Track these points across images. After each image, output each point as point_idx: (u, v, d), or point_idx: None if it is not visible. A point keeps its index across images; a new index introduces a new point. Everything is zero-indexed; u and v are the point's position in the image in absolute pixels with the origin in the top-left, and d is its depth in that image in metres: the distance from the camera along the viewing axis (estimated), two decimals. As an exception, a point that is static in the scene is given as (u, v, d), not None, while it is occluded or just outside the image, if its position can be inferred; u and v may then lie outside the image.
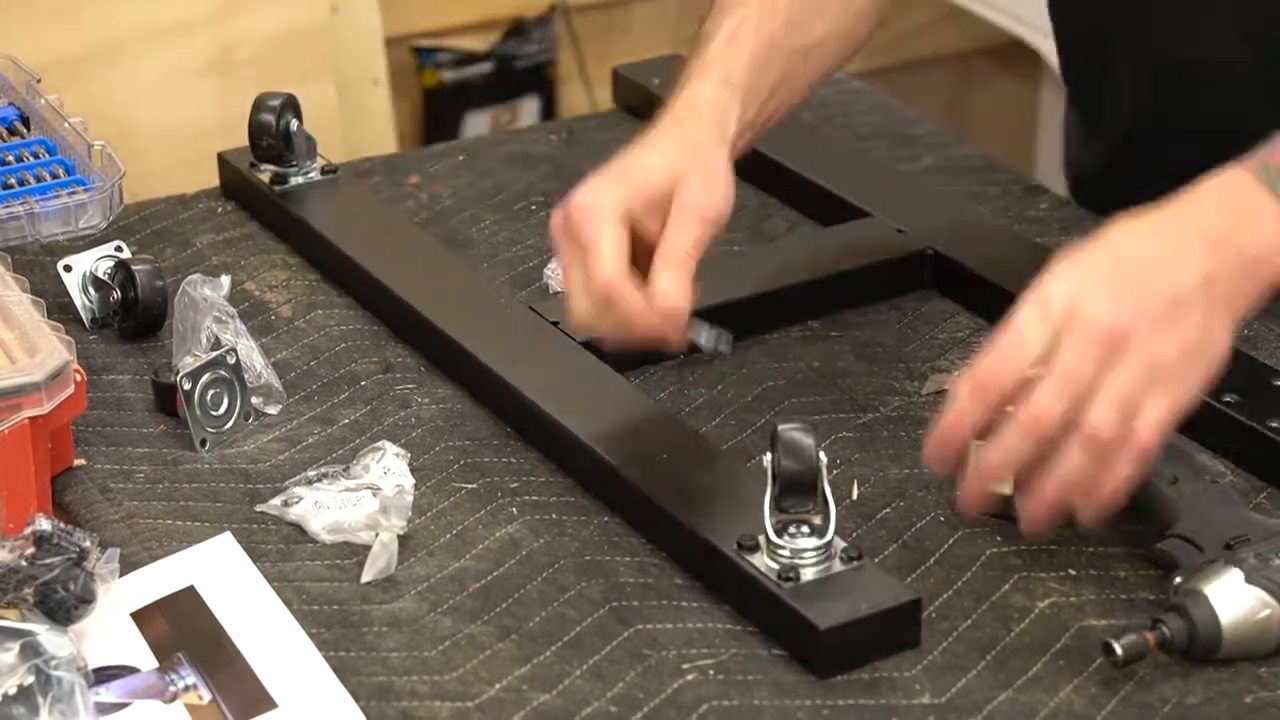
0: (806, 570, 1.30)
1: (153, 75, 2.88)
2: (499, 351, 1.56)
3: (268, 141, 1.78)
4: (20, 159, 1.67)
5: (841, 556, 1.31)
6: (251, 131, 1.78)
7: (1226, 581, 1.28)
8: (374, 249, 1.71)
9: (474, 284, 1.68)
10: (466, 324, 1.60)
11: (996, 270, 1.65)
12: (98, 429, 1.53)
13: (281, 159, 1.80)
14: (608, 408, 1.50)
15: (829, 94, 2.04)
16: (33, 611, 1.27)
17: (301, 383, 1.60)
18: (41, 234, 1.60)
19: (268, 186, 1.80)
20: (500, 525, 1.43)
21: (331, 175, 1.82)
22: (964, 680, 1.28)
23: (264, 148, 1.79)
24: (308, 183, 1.81)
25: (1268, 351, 1.60)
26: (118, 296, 1.63)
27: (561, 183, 1.89)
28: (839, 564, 1.31)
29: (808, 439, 1.31)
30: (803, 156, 1.85)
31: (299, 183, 1.80)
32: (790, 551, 1.30)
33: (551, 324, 1.58)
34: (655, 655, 1.30)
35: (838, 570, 1.30)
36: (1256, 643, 1.27)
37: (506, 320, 1.61)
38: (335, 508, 1.42)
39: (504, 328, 1.60)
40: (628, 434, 1.47)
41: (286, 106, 1.78)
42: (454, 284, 1.67)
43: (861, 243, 1.72)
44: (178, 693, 1.27)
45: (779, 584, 1.30)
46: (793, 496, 1.31)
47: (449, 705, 1.27)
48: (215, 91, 2.88)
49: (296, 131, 1.79)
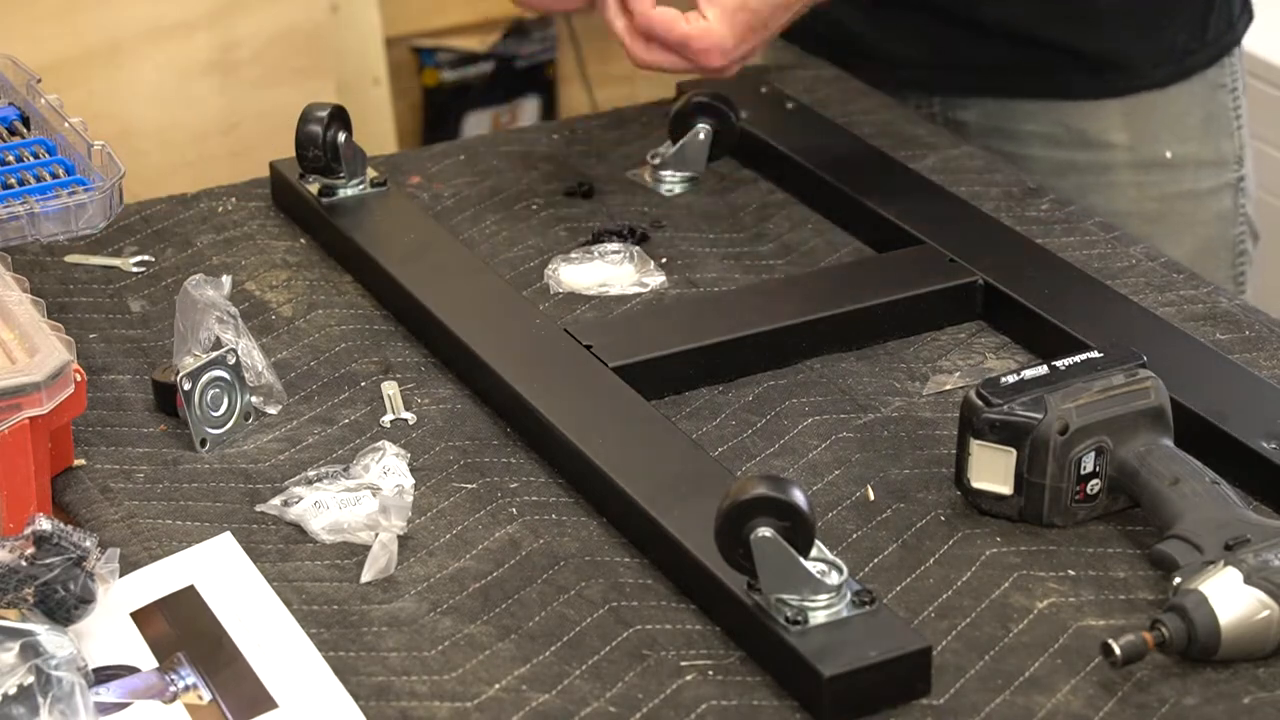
0: (816, 614, 1.27)
1: (153, 75, 2.88)
2: (533, 380, 1.53)
3: (314, 153, 1.76)
4: (20, 159, 1.67)
5: (853, 599, 1.28)
6: (299, 142, 1.76)
7: (1226, 582, 1.28)
8: (414, 265, 1.69)
9: (511, 303, 1.65)
10: (500, 353, 1.57)
11: (1047, 303, 1.62)
12: (98, 429, 1.53)
13: (329, 170, 1.78)
14: (634, 439, 1.47)
15: (832, 93, 2.04)
16: (33, 611, 1.27)
17: (301, 383, 1.60)
18: (41, 234, 1.59)
19: (315, 198, 1.79)
20: (500, 525, 1.43)
21: (381, 188, 1.80)
22: (963, 680, 1.28)
23: (310, 158, 1.77)
24: (357, 195, 1.79)
25: (1268, 353, 1.60)
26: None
27: (561, 183, 1.89)
28: (850, 607, 1.28)
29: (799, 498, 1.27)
30: (859, 179, 1.82)
31: (347, 195, 1.79)
32: (802, 594, 1.27)
33: (585, 347, 1.56)
34: (654, 656, 1.31)
35: (848, 614, 1.27)
36: (1256, 644, 1.28)
37: (541, 344, 1.59)
38: (335, 508, 1.43)
39: (538, 353, 1.58)
40: (646, 463, 1.44)
41: (334, 118, 1.76)
42: (493, 307, 1.64)
43: (912, 271, 1.68)
44: (178, 693, 1.27)
45: (786, 628, 1.26)
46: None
47: (448, 705, 1.27)
48: (215, 91, 2.88)
49: (345, 143, 1.77)
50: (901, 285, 1.66)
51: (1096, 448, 1.39)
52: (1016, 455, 1.39)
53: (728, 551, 1.28)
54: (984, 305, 1.66)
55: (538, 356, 1.57)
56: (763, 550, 1.26)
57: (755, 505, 1.26)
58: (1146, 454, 1.39)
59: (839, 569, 1.28)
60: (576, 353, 1.57)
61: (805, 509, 1.26)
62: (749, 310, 1.63)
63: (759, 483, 1.27)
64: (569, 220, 1.83)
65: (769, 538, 1.25)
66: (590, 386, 1.53)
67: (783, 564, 1.26)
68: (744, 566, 1.27)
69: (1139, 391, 1.41)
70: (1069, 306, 1.62)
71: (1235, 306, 1.67)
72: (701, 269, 1.75)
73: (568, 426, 1.47)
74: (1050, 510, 1.40)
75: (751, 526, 1.26)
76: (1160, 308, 1.67)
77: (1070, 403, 1.39)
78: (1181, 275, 1.72)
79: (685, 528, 1.36)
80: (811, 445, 1.51)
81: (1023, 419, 1.39)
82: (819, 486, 1.46)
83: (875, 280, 1.68)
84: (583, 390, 1.53)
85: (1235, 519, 1.33)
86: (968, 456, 1.41)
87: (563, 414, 1.49)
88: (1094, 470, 1.40)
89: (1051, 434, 1.38)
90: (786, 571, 1.26)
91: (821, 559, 1.29)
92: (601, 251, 1.75)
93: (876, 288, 1.66)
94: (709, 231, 1.81)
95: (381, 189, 1.80)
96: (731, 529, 1.26)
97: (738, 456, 1.49)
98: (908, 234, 1.74)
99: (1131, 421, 1.40)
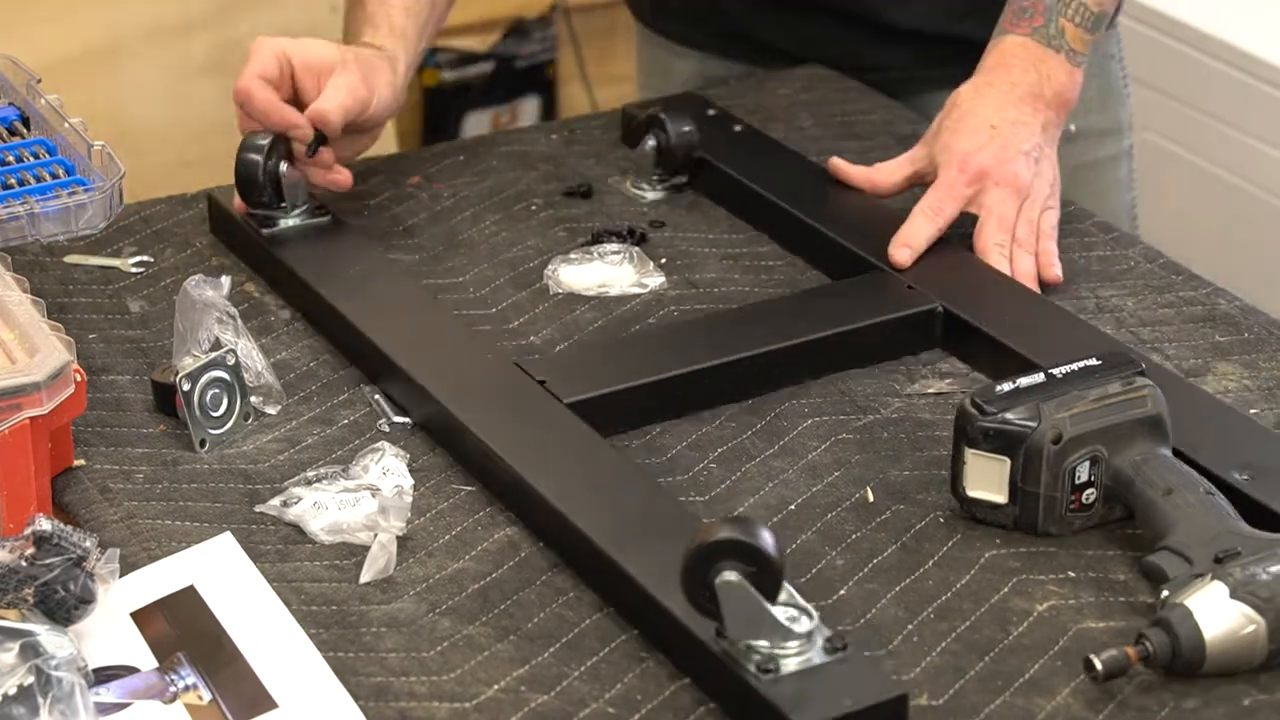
0: (787, 661, 1.23)
1: (153, 75, 2.87)
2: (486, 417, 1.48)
3: (257, 190, 1.71)
4: (20, 159, 1.67)
5: (825, 646, 1.24)
6: (237, 173, 1.72)
7: (1211, 596, 1.26)
8: (360, 299, 1.64)
9: (463, 338, 1.61)
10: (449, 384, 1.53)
11: (1006, 330, 1.60)
12: (98, 429, 1.53)
13: (271, 201, 1.73)
14: (590, 478, 1.43)
15: (829, 93, 2.04)
16: (33, 611, 1.27)
17: (301, 383, 1.60)
18: (41, 234, 1.59)
19: (255, 230, 1.74)
20: (499, 527, 1.43)
21: (324, 218, 1.75)
22: (962, 682, 1.28)
23: (250, 189, 1.72)
24: (300, 226, 1.74)
25: (1268, 354, 1.60)
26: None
27: (561, 183, 1.89)
28: (822, 654, 1.24)
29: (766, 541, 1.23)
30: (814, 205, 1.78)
31: (288, 225, 1.74)
32: (770, 641, 1.23)
33: (539, 383, 1.52)
34: (653, 657, 1.31)
35: (820, 661, 1.23)
36: (1241, 658, 1.26)
37: (491, 378, 1.55)
38: (334, 508, 1.43)
39: (488, 386, 1.54)
40: (606, 506, 1.40)
41: (273, 147, 1.72)
42: (444, 342, 1.60)
43: (870, 298, 1.65)
44: (178, 693, 1.27)
45: (757, 676, 1.22)
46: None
47: (447, 706, 1.27)
48: (215, 91, 2.88)
49: (287, 172, 1.73)
50: (859, 314, 1.62)
51: (1091, 457, 1.39)
52: (1011, 464, 1.39)
53: (693, 595, 1.24)
54: (943, 332, 1.63)
55: (490, 393, 1.53)
56: (728, 595, 1.22)
57: (721, 548, 1.22)
58: (1142, 463, 1.38)
59: (809, 614, 1.25)
60: (529, 388, 1.52)
61: (773, 553, 1.22)
62: (703, 343, 1.59)
63: (725, 525, 1.23)
64: (569, 220, 1.83)
65: (734, 582, 1.22)
66: (544, 423, 1.49)
67: (749, 610, 1.23)
68: (710, 611, 1.24)
69: (1136, 400, 1.40)
70: (1032, 332, 1.59)
71: (1234, 308, 1.67)
72: (701, 269, 1.75)
73: (523, 465, 1.43)
74: (1045, 520, 1.39)
75: (717, 570, 1.22)
76: (1159, 309, 1.67)
77: (1065, 411, 1.38)
78: (1180, 276, 1.72)
79: (647, 571, 1.32)
80: (811, 446, 1.51)
81: (1016, 427, 1.38)
82: (818, 487, 1.46)
83: (833, 309, 1.64)
84: (537, 427, 1.48)
85: (1227, 531, 1.32)
86: (963, 465, 1.40)
87: (517, 452, 1.44)
88: (1089, 479, 1.39)
89: (1045, 443, 1.38)
90: (753, 617, 1.23)
91: (791, 604, 1.25)
92: (601, 252, 1.75)
93: (835, 316, 1.62)
94: (709, 232, 1.81)
95: (324, 219, 1.75)
96: (696, 572, 1.23)
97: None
98: (863, 260, 1.70)
99: (1127, 430, 1.39)
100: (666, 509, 1.40)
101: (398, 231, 1.81)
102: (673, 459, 1.50)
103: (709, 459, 1.50)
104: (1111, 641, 1.28)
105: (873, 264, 1.69)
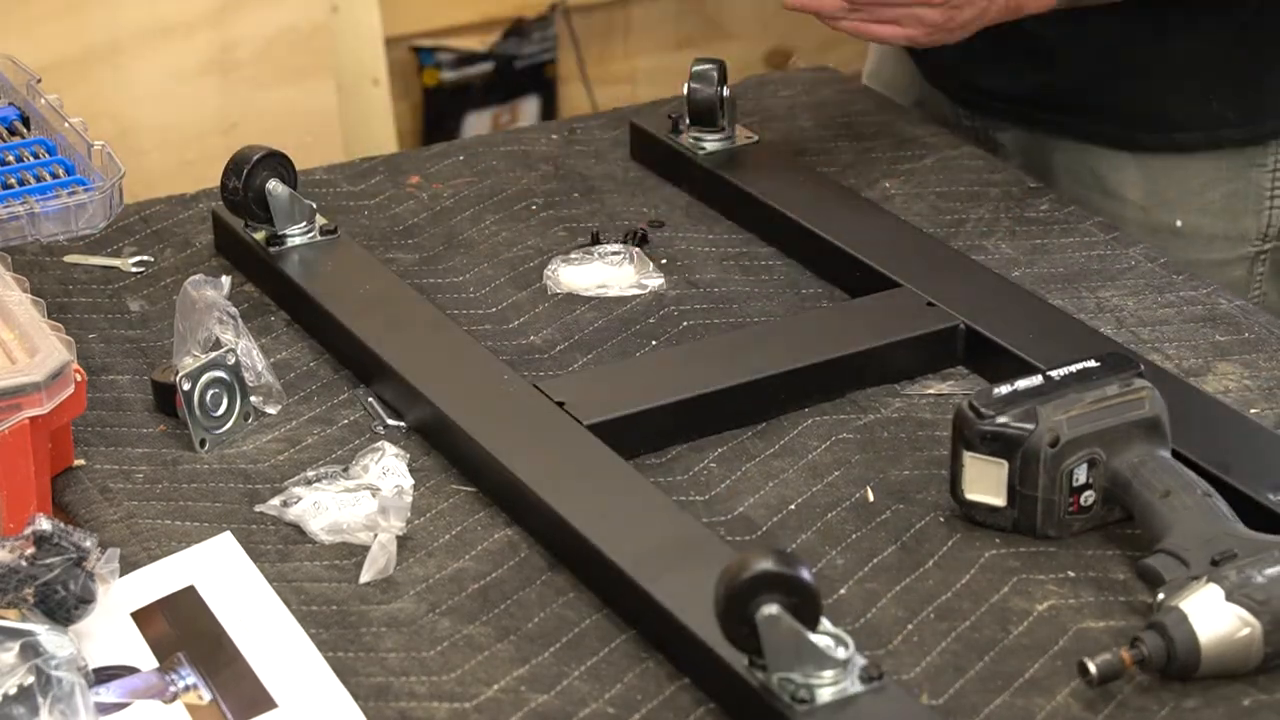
0: (822, 691, 1.21)
1: (153, 75, 2.88)
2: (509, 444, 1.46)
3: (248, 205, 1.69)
4: (20, 159, 1.67)
5: (860, 675, 1.22)
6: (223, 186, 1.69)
7: (1206, 599, 1.26)
8: (371, 319, 1.61)
9: (478, 359, 1.58)
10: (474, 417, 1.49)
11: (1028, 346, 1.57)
12: (98, 429, 1.53)
13: (257, 219, 1.70)
14: (615, 501, 1.40)
15: (830, 94, 2.04)
16: (33, 611, 1.27)
17: (301, 383, 1.60)
18: (41, 234, 1.59)
19: (262, 247, 1.71)
20: (499, 527, 1.43)
21: (331, 236, 1.72)
22: (962, 682, 1.28)
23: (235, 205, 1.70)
24: (305, 244, 1.71)
25: (1268, 354, 1.60)
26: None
27: (561, 183, 1.89)
28: (857, 684, 1.22)
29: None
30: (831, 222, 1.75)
31: (294, 244, 1.70)
32: (804, 670, 1.21)
33: (557, 404, 1.50)
34: (653, 657, 1.31)
35: (855, 691, 1.21)
36: (1237, 661, 1.26)
37: (505, 398, 1.52)
38: (334, 508, 1.43)
39: (502, 406, 1.51)
40: (634, 531, 1.37)
41: (262, 165, 1.68)
42: (459, 364, 1.57)
43: (889, 316, 1.62)
44: (178, 693, 1.27)
45: (792, 706, 1.20)
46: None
47: (447, 706, 1.27)
48: (215, 91, 2.88)
49: (276, 193, 1.69)
50: (880, 332, 1.59)
51: (1089, 459, 1.38)
52: (1008, 467, 1.38)
53: (731, 631, 1.21)
54: (965, 350, 1.60)
55: (510, 417, 1.50)
56: (771, 629, 1.20)
57: (760, 582, 1.19)
58: (1140, 465, 1.38)
59: (845, 644, 1.23)
60: (549, 411, 1.50)
61: (812, 583, 1.20)
62: (724, 362, 1.56)
63: (761, 557, 1.20)
64: (569, 220, 1.83)
65: (777, 616, 1.19)
66: (566, 446, 1.46)
67: (792, 642, 1.20)
68: (749, 645, 1.21)
69: (1134, 402, 1.40)
70: (1054, 348, 1.55)
71: (1235, 308, 1.67)
72: (701, 269, 1.75)
73: (545, 491, 1.40)
74: (1044, 522, 1.39)
75: (757, 604, 1.19)
76: (1160, 309, 1.67)
77: (1062, 414, 1.38)
78: (1181, 276, 1.72)
79: (677, 598, 1.29)
80: (812, 446, 1.51)
81: (1013, 431, 1.38)
82: (819, 487, 1.46)
83: (852, 328, 1.61)
84: (558, 451, 1.46)
85: (1224, 533, 1.32)
86: (961, 468, 1.40)
87: (540, 478, 1.42)
88: (1086, 482, 1.39)
89: (1042, 445, 1.37)
90: (796, 650, 1.20)
91: (827, 632, 1.23)
92: (601, 252, 1.75)
93: (855, 335, 1.59)
94: (709, 232, 1.81)
95: (332, 237, 1.72)
96: (735, 608, 1.20)
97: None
98: (883, 276, 1.67)
99: (1125, 433, 1.39)
100: (693, 534, 1.37)
101: (397, 231, 1.82)
102: (673, 459, 1.50)
103: (709, 459, 1.50)
104: (1111, 641, 1.28)
105: (892, 280, 1.66)
